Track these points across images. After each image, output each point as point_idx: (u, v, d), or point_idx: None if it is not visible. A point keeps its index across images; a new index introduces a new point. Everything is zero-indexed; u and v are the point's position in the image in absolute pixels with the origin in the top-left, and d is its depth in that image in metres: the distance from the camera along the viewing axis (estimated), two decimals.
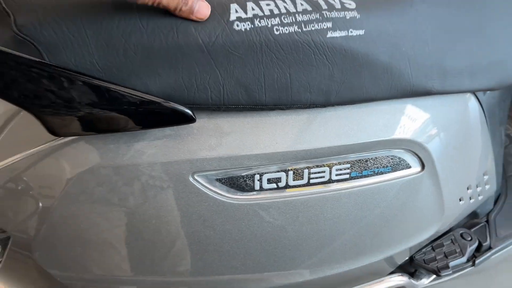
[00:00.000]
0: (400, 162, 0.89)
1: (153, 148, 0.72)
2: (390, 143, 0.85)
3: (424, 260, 1.07)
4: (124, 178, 0.72)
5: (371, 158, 0.86)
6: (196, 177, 0.77)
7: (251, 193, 0.81)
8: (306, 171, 0.82)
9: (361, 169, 0.86)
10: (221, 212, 0.80)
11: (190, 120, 0.69)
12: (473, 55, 0.76)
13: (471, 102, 0.89)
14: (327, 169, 0.83)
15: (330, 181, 0.84)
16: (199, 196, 0.77)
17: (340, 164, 0.84)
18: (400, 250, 1.01)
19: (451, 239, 1.06)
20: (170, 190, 0.76)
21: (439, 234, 1.10)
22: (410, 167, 0.91)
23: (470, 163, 0.95)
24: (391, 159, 0.88)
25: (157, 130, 0.72)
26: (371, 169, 0.87)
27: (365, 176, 0.87)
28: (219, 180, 0.79)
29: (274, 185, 0.77)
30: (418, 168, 0.92)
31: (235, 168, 0.77)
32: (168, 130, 0.73)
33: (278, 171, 0.76)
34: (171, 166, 0.73)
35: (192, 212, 0.79)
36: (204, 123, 0.75)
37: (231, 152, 0.75)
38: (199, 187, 0.77)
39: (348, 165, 0.85)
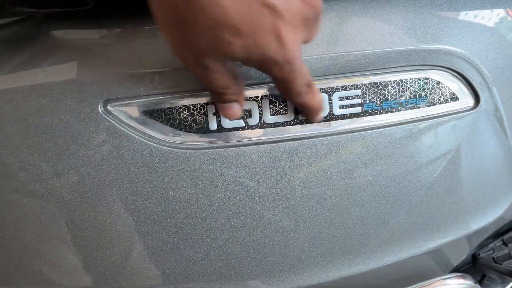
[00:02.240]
0: (440, 90, 0.57)
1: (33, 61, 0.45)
2: (423, 55, 0.55)
3: (494, 258, 0.71)
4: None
5: (394, 81, 0.55)
6: (110, 108, 0.47)
7: (204, 134, 0.50)
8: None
9: (379, 99, 0.55)
10: (155, 166, 0.50)
11: (84, 2, 0.42)
12: None
13: None
14: (324, 96, 0.52)
15: (330, 116, 0.53)
16: (117, 139, 0.48)
17: (345, 90, 0.53)
18: (453, 238, 0.66)
19: None
20: (69, 131, 0.47)
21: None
22: (457, 99, 0.59)
23: None
24: (426, 83, 0.56)
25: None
26: (395, 99, 0.55)
27: (386, 111, 0.55)
28: (148, 113, 0.49)
29: (240, 123, 0.54)
30: (470, 102, 0.60)
31: (173, 94, 0.48)
32: (64, 35, 0.46)
33: (246, 99, 0.53)
34: (71, 90, 0.46)
35: (109, 168, 0.49)
36: (117, 21, 0.47)
37: (165, 66, 0.47)
38: (116, 124, 0.47)
39: (358, 91, 0.54)
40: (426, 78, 0.58)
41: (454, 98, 0.60)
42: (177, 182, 0.52)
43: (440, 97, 0.59)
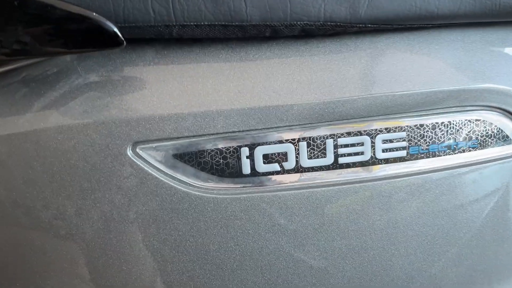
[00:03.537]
0: (492, 132, 0.53)
1: (59, 108, 0.44)
2: (474, 95, 0.51)
3: None
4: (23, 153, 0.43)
5: (441, 123, 0.50)
6: (139, 151, 0.45)
7: (236, 179, 0.47)
8: (330, 142, 0.48)
9: (425, 142, 0.50)
10: (184, 212, 0.47)
11: (116, 42, 0.40)
12: None
13: None
14: (366, 139, 0.49)
15: (373, 161, 0.49)
16: (146, 184, 0.46)
17: (388, 132, 0.49)
18: None
19: None
20: (96, 174, 0.45)
21: None
22: (511, 141, 0.54)
23: None
24: (476, 125, 0.52)
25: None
26: (442, 142, 0.51)
27: (433, 155, 0.51)
28: (178, 156, 0.46)
29: (275, 167, 0.50)
30: None
31: (205, 136, 0.45)
32: (94, 76, 0.45)
33: (282, 142, 0.49)
34: (99, 132, 0.43)
35: (136, 214, 0.46)
36: (148, 61, 0.45)
37: (196, 108, 0.44)
38: (145, 167, 0.45)
39: (403, 134, 0.49)
40: (476, 120, 0.53)
41: (507, 140, 0.55)
42: (207, 230, 0.49)
43: (493, 139, 0.54)
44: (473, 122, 0.53)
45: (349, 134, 0.50)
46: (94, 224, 0.48)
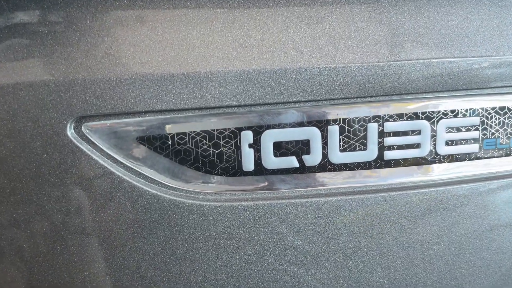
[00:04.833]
0: None
1: None
2: None
3: None
4: None
5: None
6: (85, 130, 0.28)
7: (233, 179, 0.31)
8: (373, 127, 0.32)
9: (505, 133, 0.34)
10: (153, 226, 0.31)
11: None
12: None
13: None
14: (424, 125, 0.32)
15: (433, 157, 0.33)
16: (93, 179, 0.30)
17: (456, 116, 0.33)
18: None
19: None
20: (19, 163, 0.29)
21: None
22: None
23: None
24: None
25: None
26: None
27: None
28: (145, 140, 0.30)
29: (292, 161, 0.34)
30: None
31: (186, 111, 0.29)
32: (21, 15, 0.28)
33: (302, 124, 0.33)
34: (23, 100, 0.28)
35: (78, 220, 0.30)
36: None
37: (173, 67, 0.30)
38: (94, 155, 0.29)
39: (476, 120, 0.33)
40: None
41: None
42: (186, 252, 0.32)
43: None
44: None
45: (400, 117, 0.34)
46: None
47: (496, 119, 0.36)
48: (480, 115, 0.36)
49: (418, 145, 0.35)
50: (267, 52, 0.31)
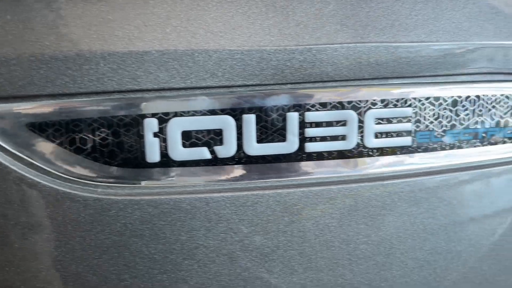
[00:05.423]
0: None
1: None
2: None
3: None
4: None
5: (467, 98, 0.33)
6: None
7: (136, 171, 0.28)
8: (293, 117, 0.29)
9: (441, 125, 0.32)
10: (45, 219, 0.28)
11: None
12: None
13: None
14: (351, 116, 0.30)
15: (360, 150, 0.31)
16: None
17: (386, 106, 0.30)
18: None
19: None
20: None
21: None
22: None
23: None
24: None
25: None
26: (467, 127, 0.33)
27: (451, 146, 0.33)
28: (36, 127, 0.27)
29: (203, 153, 0.31)
30: None
31: (80, 96, 0.26)
32: None
33: (215, 112, 0.31)
34: None
35: None
36: None
37: (67, 48, 0.26)
38: None
39: (408, 111, 0.31)
40: None
41: None
42: (84, 245, 0.29)
43: None
44: None
45: (323, 106, 0.31)
46: None
47: (430, 110, 0.33)
48: (413, 106, 0.33)
49: (343, 137, 0.32)
50: (173, 32, 0.28)
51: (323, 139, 0.32)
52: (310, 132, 0.31)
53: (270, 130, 0.31)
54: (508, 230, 0.37)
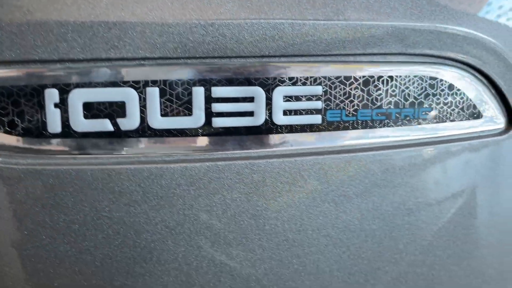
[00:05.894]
0: (454, 98, 0.36)
1: None
2: (429, 39, 0.36)
3: None
4: None
5: (379, 78, 0.33)
6: None
7: (37, 141, 0.28)
8: (199, 92, 0.31)
9: (352, 105, 0.33)
10: None
11: None
12: None
13: None
14: (258, 92, 0.31)
15: (268, 127, 0.31)
16: None
17: (295, 84, 0.31)
18: None
19: None
20: None
21: None
22: (479, 115, 0.36)
23: None
24: (431, 86, 0.35)
25: None
26: (379, 107, 0.33)
27: (363, 125, 0.33)
28: None
29: (105, 124, 0.32)
30: (501, 122, 0.38)
31: None
32: None
33: (117, 85, 0.31)
34: None
35: None
36: None
37: None
38: None
39: (319, 89, 0.32)
40: (432, 78, 0.36)
41: (475, 114, 0.38)
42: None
43: (454, 110, 0.37)
44: (425, 81, 0.36)
45: (230, 82, 0.31)
46: None
47: (341, 89, 0.34)
48: (323, 84, 0.33)
49: (251, 113, 0.33)
50: (73, 4, 0.29)
51: (231, 114, 0.32)
52: (217, 107, 0.32)
53: (176, 104, 0.31)
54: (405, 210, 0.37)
